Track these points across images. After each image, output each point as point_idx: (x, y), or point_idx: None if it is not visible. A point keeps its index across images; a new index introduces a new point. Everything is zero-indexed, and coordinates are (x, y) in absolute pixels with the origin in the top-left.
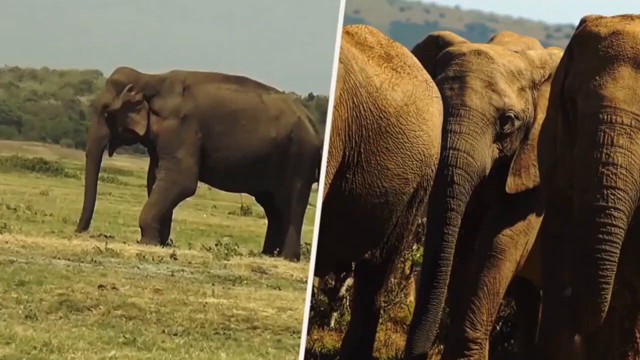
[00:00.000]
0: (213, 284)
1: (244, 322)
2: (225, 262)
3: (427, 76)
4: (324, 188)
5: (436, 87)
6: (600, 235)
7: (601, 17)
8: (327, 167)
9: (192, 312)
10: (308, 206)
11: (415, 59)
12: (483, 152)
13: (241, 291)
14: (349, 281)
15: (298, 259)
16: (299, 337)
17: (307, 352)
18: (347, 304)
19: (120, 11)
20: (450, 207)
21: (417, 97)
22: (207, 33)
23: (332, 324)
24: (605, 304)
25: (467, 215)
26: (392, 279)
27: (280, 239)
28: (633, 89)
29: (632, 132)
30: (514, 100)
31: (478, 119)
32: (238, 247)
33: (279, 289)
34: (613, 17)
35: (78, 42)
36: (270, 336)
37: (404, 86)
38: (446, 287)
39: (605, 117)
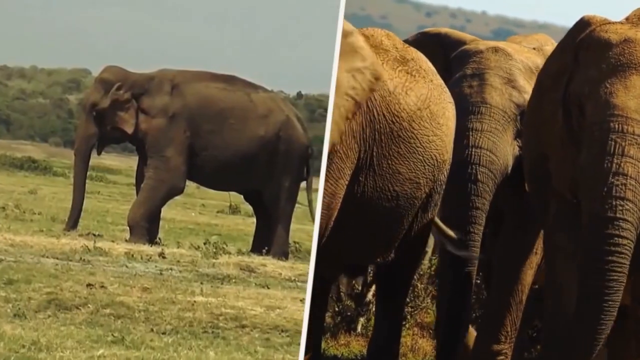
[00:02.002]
0: (201, 283)
1: (233, 320)
2: (214, 260)
3: (442, 81)
4: (339, 189)
5: (449, 92)
6: (608, 247)
7: (608, 22)
8: (343, 169)
9: (181, 311)
10: (297, 205)
11: (429, 63)
12: (505, 149)
13: (230, 290)
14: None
15: (286, 258)
16: (288, 336)
17: (334, 357)
18: (374, 309)
19: (110, 10)
20: (475, 206)
21: (431, 101)
22: (197, 32)
23: (359, 329)
24: (612, 315)
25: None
26: (419, 284)
27: (268, 238)
28: None
29: None
30: None
31: (499, 116)
32: (226, 245)
33: (268, 288)
34: (622, 23)
35: (67, 40)
36: (259, 335)
37: (418, 90)
38: (473, 285)
39: (617, 126)
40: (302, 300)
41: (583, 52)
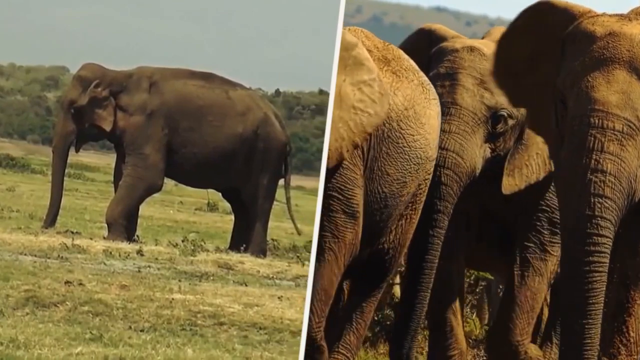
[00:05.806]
0: (179, 280)
1: (211, 318)
2: (192, 258)
3: (424, 78)
4: (360, 197)
5: (433, 89)
6: (587, 247)
7: (597, 15)
8: (356, 179)
9: (159, 308)
10: (275, 202)
11: (411, 61)
12: (473, 152)
13: (208, 287)
14: None
15: (264, 255)
16: (266, 334)
17: None
18: None
19: (89, 7)
20: (437, 209)
21: (415, 101)
22: (176, 29)
23: None
24: (596, 316)
25: (462, 214)
26: None
27: (246, 235)
28: (627, 94)
29: (623, 139)
30: None
31: (469, 117)
32: (204, 243)
33: (246, 285)
34: (610, 15)
35: (45, 38)
36: (237, 332)
37: (404, 90)
38: (430, 290)
39: (597, 121)
40: (280, 298)
41: (569, 45)
